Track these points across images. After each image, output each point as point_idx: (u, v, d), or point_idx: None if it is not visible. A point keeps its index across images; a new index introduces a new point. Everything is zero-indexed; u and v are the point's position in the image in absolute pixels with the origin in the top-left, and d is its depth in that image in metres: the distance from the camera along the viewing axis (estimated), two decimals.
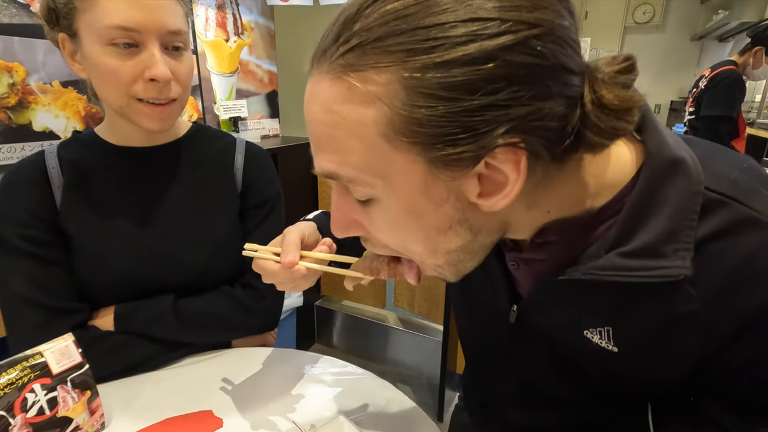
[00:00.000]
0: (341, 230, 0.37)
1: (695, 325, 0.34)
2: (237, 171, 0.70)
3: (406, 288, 1.98)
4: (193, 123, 0.72)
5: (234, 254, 0.68)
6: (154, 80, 0.55)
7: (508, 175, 0.30)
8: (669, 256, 0.32)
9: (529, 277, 0.43)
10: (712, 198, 0.33)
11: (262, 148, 0.74)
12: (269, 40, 2.00)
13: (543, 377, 0.47)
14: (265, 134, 2.04)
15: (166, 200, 0.66)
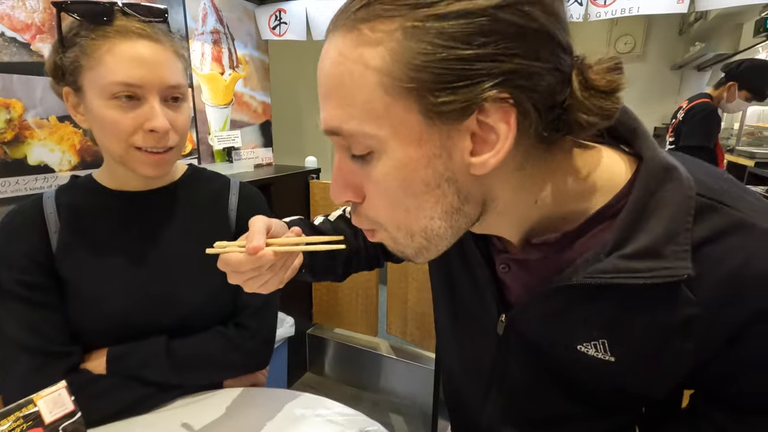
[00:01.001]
0: (339, 191, 0.38)
1: (694, 329, 0.35)
2: (231, 212, 0.72)
3: (398, 316, 1.98)
4: (189, 165, 0.75)
5: (228, 295, 0.70)
6: (154, 131, 0.58)
7: (499, 131, 0.32)
8: (669, 257, 0.33)
9: (520, 281, 0.43)
10: (704, 203, 0.34)
11: (255, 188, 0.77)
12: (264, 72, 2.05)
13: (534, 393, 0.46)
14: (259, 163, 2.07)
15: (162, 242, 0.67)
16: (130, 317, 0.64)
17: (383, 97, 0.32)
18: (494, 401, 0.51)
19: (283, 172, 1.90)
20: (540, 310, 0.41)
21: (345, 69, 0.33)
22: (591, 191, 0.37)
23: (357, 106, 0.33)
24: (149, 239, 0.67)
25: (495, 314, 0.46)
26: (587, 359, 0.39)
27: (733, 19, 2.78)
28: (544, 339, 0.43)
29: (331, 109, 0.35)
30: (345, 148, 0.36)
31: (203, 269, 0.68)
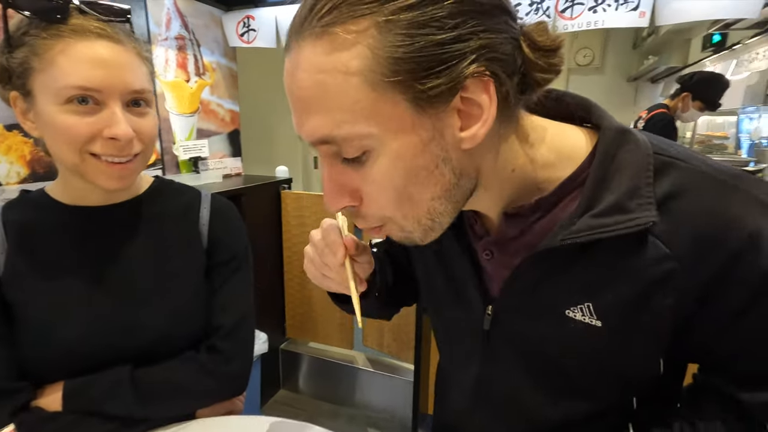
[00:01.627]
0: (335, 200, 0.38)
1: (673, 283, 0.36)
2: (203, 227, 0.67)
3: (374, 328, 1.95)
4: (156, 177, 0.69)
5: (199, 315, 0.65)
6: (115, 139, 0.53)
7: (482, 104, 0.34)
8: (635, 210, 0.35)
9: (504, 266, 0.44)
10: (662, 160, 0.37)
11: (228, 201, 0.72)
12: (231, 80, 1.99)
13: (523, 398, 0.46)
14: (227, 173, 1.99)
15: (124, 262, 0.62)
16: (89, 347, 0.58)
17: (369, 95, 0.32)
18: (482, 411, 0.51)
19: (253, 183, 1.84)
20: (525, 284, 0.42)
21: (324, 78, 0.32)
22: (559, 160, 0.40)
23: (345, 110, 0.33)
24: (110, 259, 0.61)
25: (480, 307, 0.47)
26: (575, 330, 0.40)
27: (682, 34, 2.95)
28: (531, 319, 0.43)
29: (315, 120, 0.34)
30: (334, 155, 0.36)
31: (171, 290, 0.63)
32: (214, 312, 0.66)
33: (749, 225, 0.33)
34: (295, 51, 0.34)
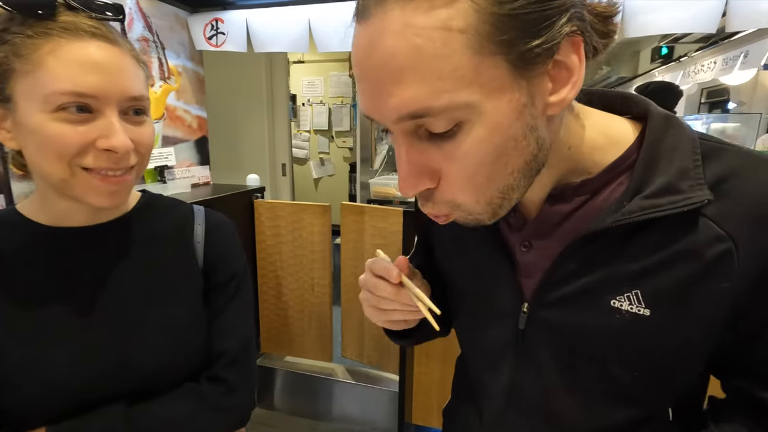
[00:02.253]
0: (415, 183, 0.35)
1: (728, 266, 0.35)
2: (197, 245, 0.62)
3: (354, 338, 1.91)
4: (143, 192, 0.63)
5: (198, 343, 0.59)
6: (111, 150, 0.47)
7: (572, 65, 0.33)
8: (687, 190, 0.35)
9: (543, 255, 0.42)
10: (709, 145, 0.37)
11: (223, 216, 0.67)
12: (198, 84, 1.90)
13: (559, 397, 0.44)
14: (195, 182, 1.89)
15: (113, 289, 0.55)
16: (75, 386, 0.51)
17: (472, 58, 0.30)
18: (515, 419, 0.48)
19: (223, 192, 1.76)
20: (567, 273, 0.40)
21: (421, 42, 0.29)
22: (608, 144, 0.39)
23: (445, 77, 0.30)
24: (97, 286, 0.54)
25: (516, 304, 0.45)
26: (621, 321, 0.38)
27: (632, 46, 3.15)
28: (572, 312, 0.41)
29: (410, 91, 0.31)
30: (413, 133, 0.34)
31: (167, 318, 0.57)
32: (216, 338, 0.61)
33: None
34: (379, 15, 0.31)
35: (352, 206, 1.78)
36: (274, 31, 1.72)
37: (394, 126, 0.33)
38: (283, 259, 1.88)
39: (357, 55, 0.33)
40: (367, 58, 0.32)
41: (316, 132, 4.45)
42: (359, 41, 0.33)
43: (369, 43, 0.32)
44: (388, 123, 0.34)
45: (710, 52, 2.51)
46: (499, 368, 0.48)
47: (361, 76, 0.34)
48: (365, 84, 0.33)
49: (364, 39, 0.32)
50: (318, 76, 4.29)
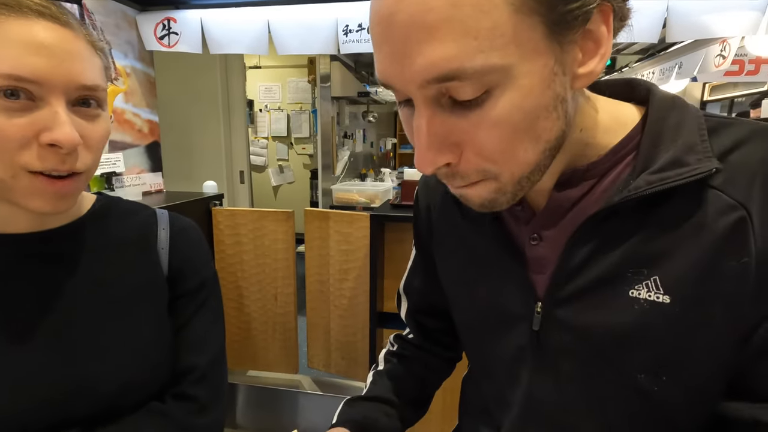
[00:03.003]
0: (437, 156, 0.33)
1: (745, 237, 0.33)
2: (161, 251, 0.57)
3: (320, 348, 1.85)
4: (99, 194, 0.57)
5: (163, 359, 0.54)
6: (56, 145, 0.42)
7: (600, 36, 0.32)
8: (693, 163, 0.34)
9: (554, 245, 0.40)
10: (715, 122, 0.37)
11: (189, 220, 0.62)
12: (149, 86, 1.79)
13: (579, 415, 0.40)
14: (147, 190, 1.78)
15: (64, 304, 0.49)
16: (23, 419, 0.45)
17: (511, 18, 0.28)
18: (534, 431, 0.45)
19: (178, 200, 1.66)
20: (580, 258, 0.38)
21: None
22: (616, 126, 0.39)
23: (482, 35, 0.28)
24: (44, 302, 0.48)
25: (529, 304, 0.42)
26: (641, 312, 0.36)
27: None
28: (589, 306, 0.38)
29: (442, 49, 0.28)
30: (436, 101, 0.31)
31: (127, 333, 0.52)
32: (183, 352, 0.56)
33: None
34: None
35: (317, 212, 1.74)
36: (231, 32, 1.66)
37: (417, 91, 0.31)
38: (244, 269, 1.80)
39: (380, 12, 0.30)
40: (393, 15, 0.29)
41: (275, 139, 4.35)
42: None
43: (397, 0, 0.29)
44: (411, 88, 0.31)
45: (649, 63, 2.71)
46: (517, 377, 0.45)
47: (383, 37, 0.31)
48: (389, 45, 0.30)
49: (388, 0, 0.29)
50: (275, 82, 4.20)
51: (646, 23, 1.39)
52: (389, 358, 0.63)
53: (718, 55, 2.16)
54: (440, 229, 0.53)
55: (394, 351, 0.64)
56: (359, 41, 1.61)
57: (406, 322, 0.65)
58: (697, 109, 0.38)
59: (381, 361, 0.64)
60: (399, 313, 0.66)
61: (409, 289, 0.63)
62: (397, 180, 2.50)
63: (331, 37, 1.61)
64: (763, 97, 3.29)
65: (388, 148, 5.20)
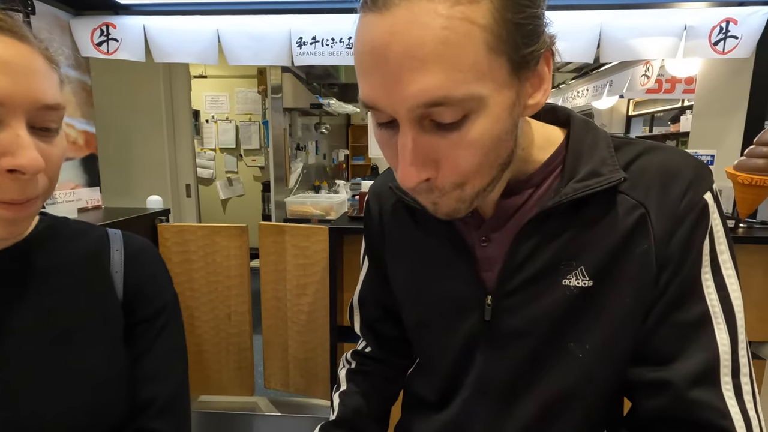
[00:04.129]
0: (419, 172, 0.37)
1: (645, 229, 0.42)
2: (115, 275, 0.52)
3: (278, 366, 1.79)
4: (43, 215, 0.52)
5: (119, 394, 0.50)
6: (18, 171, 0.38)
7: (544, 74, 0.38)
8: (607, 173, 0.43)
9: (501, 246, 0.47)
10: (618, 141, 0.46)
11: (146, 240, 0.58)
12: (84, 96, 1.67)
13: (523, 379, 0.47)
14: (83, 207, 1.65)
15: (5, 333, 0.44)
16: None
17: (488, 56, 0.33)
18: (485, 409, 0.50)
19: (119, 217, 1.55)
20: (523, 255, 0.45)
21: (449, 32, 0.32)
22: (545, 143, 0.46)
23: (465, 69, 0.33)
24: None
25: (480, 298, 0.48)
26: (572, 297, 0.44)
27: None
28: (532, 296, 0.45)
29: (432, 79, 0.33)
30: (419, 123, 0.36)
31: (75, 367, 0.47)
32: (142, 383, 0.51)
33: (692, 165, 0.43)
34: (404, 6, 0.32)
35: (272, 226, 1.70)
36: (178, 40, 1.59)
37: (406, 114, 0.35)
38: (194, 288, 1.70)
39: (374, 43, 0.34)
40: (388, 47, 0.33)
41: (223, 150, 4.20)
42: (377, 30, 0.33)
43: (391, 32, 0.33)
44: (401, 111, 0.35)
45: (583, 81, 2.93)
46: (470, 362, 0.50)
47: (376, 65, 0.34)
48: (381, 73, 0.34)
49: (384, 28, 0.33)
50: (222, 92, 4.07)
51: (581, 44, 1.51)
52: (352, 376, 0.64)
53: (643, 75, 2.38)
54: (392, 235, 0.56)
55: (355, 369, 0.65)
56: (313, 53, 1.61)
57: (361, 334, 0.66)
58: (604, 130, 0.47)
59: (343, 381, 0.64)
60: (353, 327, 0.66)
61: (363, 300, 0.65)
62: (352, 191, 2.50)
63: (285, 49, 1.60)
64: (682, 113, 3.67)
65: (341, 159, 5.19)
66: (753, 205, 1.45)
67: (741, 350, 0.41)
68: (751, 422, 0.40)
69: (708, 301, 0.42)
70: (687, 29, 1.47)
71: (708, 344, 0.41)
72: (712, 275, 0.42)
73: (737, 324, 0.42)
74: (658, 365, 0.43)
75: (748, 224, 1.47)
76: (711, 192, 0.43)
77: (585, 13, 1.52)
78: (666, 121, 4.21)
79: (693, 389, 0.40)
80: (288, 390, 1.78)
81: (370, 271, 0.63)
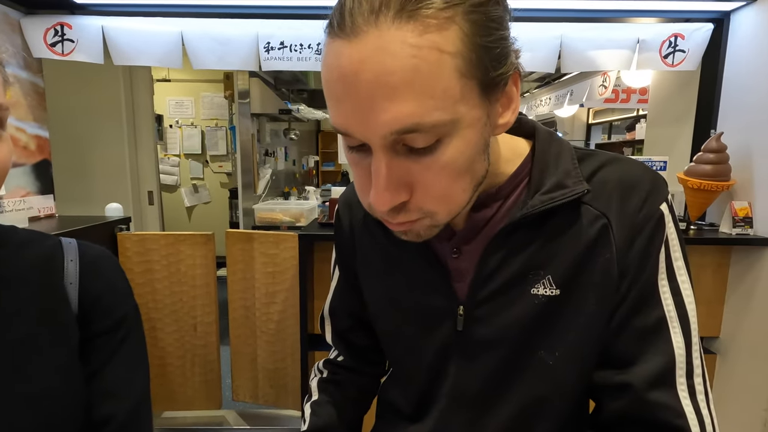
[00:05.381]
0: (394, 196, 0.37)
1: (607, 238, 0.44)
2: (70, 286, 0.50)
3: (246, 378, 1.74)
4: None
5: (73, 413, 0.47)
6: None
7: (512, 94, 0.39)
8: (571, 185, 0.44)
9: (472, 257, 0.47)
10: (581, 153, 0.48)
11: (103, 249, 0.55)
12: (37, 98, 1.59)
13: (496, 388, 0.47)
14: (35, 215, 1.56)
15: None
16: None
17: (459, 81, 0.33)
18: (459, 418, 0.50)
19: (74, 226, 1.47)
20: (493, 266, 0.46)
21: (419, 60, 0.31)
22: (512, 156, 0.47)
23: (437, 96, 0.33)
24: None
25: (452, 308, 0.48)
26: (540, 306, 0.45)
27: None
28: (502, 306, 0.46)
29: (404, 107, 0.32)
30: (392, 148, 0.35)
31: (24, 385, 0.44)
32: (98, 401, 0.48)
33: (649, 177, 0.45)
34: (373, 33, 0.32)
35: (239, 233, 1.66)
36: (140, 42, 1.54)
37: (379, 141, 0.34)
38: (157, 299, 1.64)
39: (342, 70, 0.33)
40: (358, 74, 0.32)
41: (188, 156, 4.07)
42: (346, 58, 0.33)
43: (360, 60, 0.32)
44: (374, 138, 0.34)
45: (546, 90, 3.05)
46: (444, 372, 0.50)
47: (346, 93, 0.34)
48: (352, 100, 0.34)
49: (353, 56, 0.32)
50: (187, 97, 3.96)
51: (544, 55, 1.57)
52: (324, 386, 0.63)
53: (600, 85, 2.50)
54: (364, 246, 0.56)
55: (327, 378, 0.64)
56: (281, 59, 1.59)
57: (332, 344, 0.66)
58: (568, 142, 0.48)
59: (315, 391, 0.63)
60: (324, 338, 0.66)
61: (334, 310, 0.64)
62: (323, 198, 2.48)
63: (252, 54, 1.57)
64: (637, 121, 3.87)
65: (311, 165, 5.15)
66: (702, 208, 1.54)
67: (695, 352, 0.43)
68: (704, 420, 0.42)
69: (664, 306, 0.44)
70: (640, 43, 1.56)
71: (665, 348, 0.43)
72: (668, 281, 0.44)
73: (691, 327, 0.44)
74: (620, 369, 0.44)
75: (698, 226, 1.56)
76: (666, 202, 0.44)
77: (547, 25, 1.58)
78: (623, 129, 4.42)
79: (651, 391, 0.42)
80: (257, 402, 1.74)
81: (341, 281, 0.62)
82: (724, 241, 1.45)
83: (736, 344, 1.50)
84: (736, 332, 1.50)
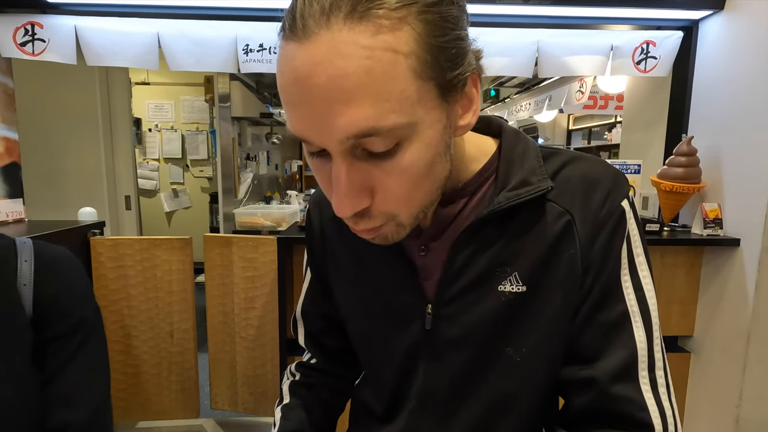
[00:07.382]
0: (355, 202, 0.36)
1: (572, 233, 0.44)
2: (23, 288, 0.48)
3: (225, 385, 1.70)
4: None
5: (27, 420, 0.45)
6: None
7: (472, 95, 0.39)
8: (536, 182, 0.44)
9: (440, 254, 0.47)
10: (546, 151, 0.48)
11: (62, 249, 0.53)
12: (6, 99, 1.54)
13: (466, 386, 0.47)
14: (3, 220, 1.51)
15: None
16: None
17: (415, 83, 0.32)
18: (430, 418, 0.50)
19: (45, 230, 1.43)
20: (461, 263, 0.46)
21: (371, 64, 0.30)
22: (479, 154, 0.47)
23: (393, 98, 0.32)
24: None
25: (421, 307, 0.48)
26: (508, 303, 0.45)
27: None
28: (470, 303, 0.46)
29: (359, 112, 0.32)
30: (351, 153, 0.35)
31: None
32: (54, 408, 0.46)
33: (610, 174, 0.46)
34: (325, 35, 0.31)
35: (217, 237, 1.63)
36: (114, 43, 1.51)
37: (337, 146, 0.34)
38: (132, 305, 1.60)
39: (295, 73, 0.32)
40: (311, 78, 0.31)
41: (167, 160, 4.00)
42: (299, 61, 0.32)
43: (313, 63, 0.31)
44: (331, 143, 0.34)
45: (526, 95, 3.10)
46: (413, 372, 0.50)
47: (300, 98, 0.33)
48: (306, 105, 0.33)
49: (305, 59, 0.31)
50: (167, 100, 3.90)
51: (521, 60, 1.59)
52: (295, 389, 0.62)
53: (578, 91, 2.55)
54: (334, 245, 0.56)
55: (299, 381, 0.63)
56: (260, 61, 1.58)
57: (305, 346, 0.65)
58: (534, 141, 0.49)
59: (286, 394, 0.62)
60: (297, 340, 0.65)
61: (306, 312, 0.63)
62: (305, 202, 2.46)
63: (230, 56, 1.56)
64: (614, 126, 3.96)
65: (294, 170, 5.11)
66: (675, 209, 1.58)
67: (656, 346, 0.44)
68: (666, 412, 0.43)
69: (627, 301, 0.44)
70: (613, 49, 1.60)
71: (627, 342, 0.44)
72: (630, 277, 0.45)
73: (652, 322, 0.44)
74: (584, 363, 0.45)
75: (671, 228, 1.60)
76: (627, 199, 0.45)
77: (524, 31, 1.61)
78: (602, 134, 4.53)
79: (614, 385, 0.43)
80: (236, 410, 1.70)
81: (312, 282, 0.62)
82: (695, 242, 1.48)
83: (710, 342, 1.54)
84: (709, 331, 1.54)
